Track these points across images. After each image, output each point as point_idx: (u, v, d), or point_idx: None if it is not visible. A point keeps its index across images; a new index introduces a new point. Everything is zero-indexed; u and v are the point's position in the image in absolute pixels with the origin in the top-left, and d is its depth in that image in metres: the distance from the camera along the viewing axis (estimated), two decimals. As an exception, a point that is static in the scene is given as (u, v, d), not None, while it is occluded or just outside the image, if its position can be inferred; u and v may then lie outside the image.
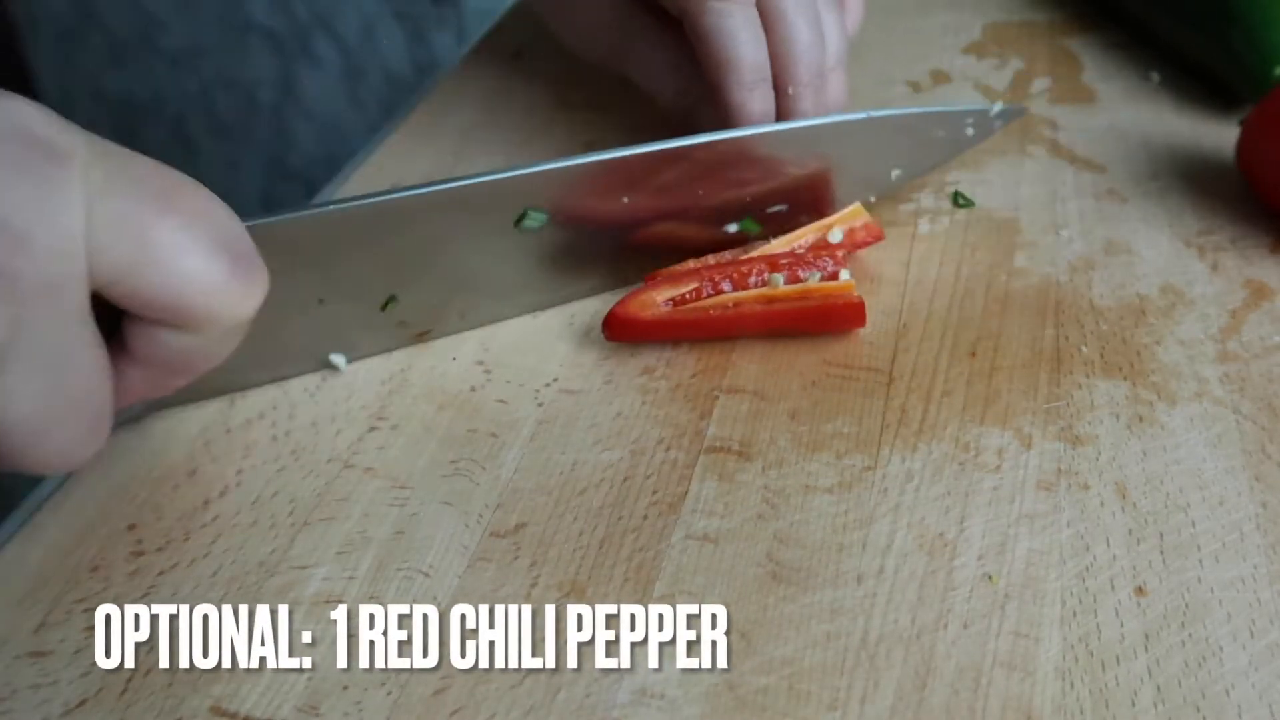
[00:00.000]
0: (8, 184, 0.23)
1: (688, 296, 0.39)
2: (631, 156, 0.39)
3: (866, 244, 0.43)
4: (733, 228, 0.43)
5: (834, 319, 0.39)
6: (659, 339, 0.39)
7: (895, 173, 0.45)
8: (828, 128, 0.42)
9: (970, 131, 0.46)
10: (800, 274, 0.39)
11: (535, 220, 0.38)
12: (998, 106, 0.46)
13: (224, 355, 0.29)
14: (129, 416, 0.30)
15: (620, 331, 0.39)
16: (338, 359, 0.38)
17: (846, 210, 0.43)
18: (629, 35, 0.47)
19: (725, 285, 0.39)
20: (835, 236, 0.41)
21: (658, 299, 0.39)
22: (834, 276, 0.39)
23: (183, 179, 0.26)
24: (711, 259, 0.42)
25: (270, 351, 0.36)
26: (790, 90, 0.43)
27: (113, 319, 0.27)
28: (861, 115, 0.42)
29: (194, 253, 0.25)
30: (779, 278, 0.39)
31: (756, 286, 0.39)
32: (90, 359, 0.26)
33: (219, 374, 0.31)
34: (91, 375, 0.26)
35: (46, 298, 0.24)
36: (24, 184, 0.23)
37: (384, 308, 0.38)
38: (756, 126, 0.41)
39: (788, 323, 0.39)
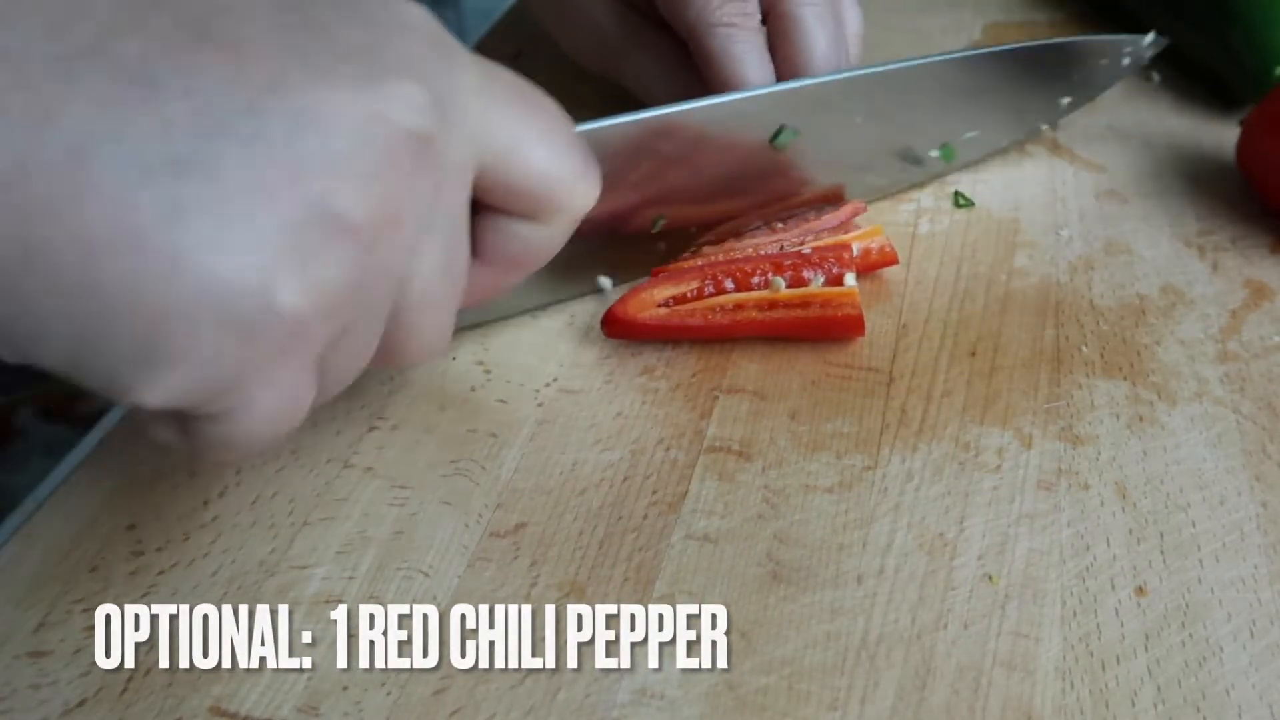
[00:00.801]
0: (433, 72, 0.25)
1: (689, 295, 0.39)
2: (881, 73, 0.42)
3: (879, 266, 0.42)
4: (934, 153, 0.47)
5: (831, 329, 0.39)
6: (657, 339, 0.39)
7: (1065, 100, 0.49)
8: (1014, 53, 0.45)
9: (1126, 61, 0.50)
10: (805, 274, 0.39)
11: (788, 136, 0.41)
12: (1148, 38, 0.49)
13: (555, 250, 0.31)
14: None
15: (619, 330, 0.39)
16: (605, 281, 0.42)
17: (866, 229, 0.42)
18: (627, 42, 0.47)
19: (728, 284, 0.39)
20: (850, 280, 0.39)
21: (657, 298, 0.39)
22: (839, 279, 0.39)
23: (532, 85, 0.30)
24: (720, 252, 0.42)
25: (564, 267, 0.37)
26: None
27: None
28: (1040, 43, 0.46)
29: (557, 146, 0.29)
30: (781, 281, 0.39)
31: (759, 287, 0.39)
32: (467, 245, 0.29)
33: (519, 294, 0.34)
34: (466, 261, 0.29)
35: (454, 177, 0.27)
36: (443, 74, 0.26)
37: (654, 225, 0.41)
38: (965, 50, 0.44)
39: (785, 331, 0.39)
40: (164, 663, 0.29)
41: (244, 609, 0.31)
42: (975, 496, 0.34)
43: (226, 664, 0.29)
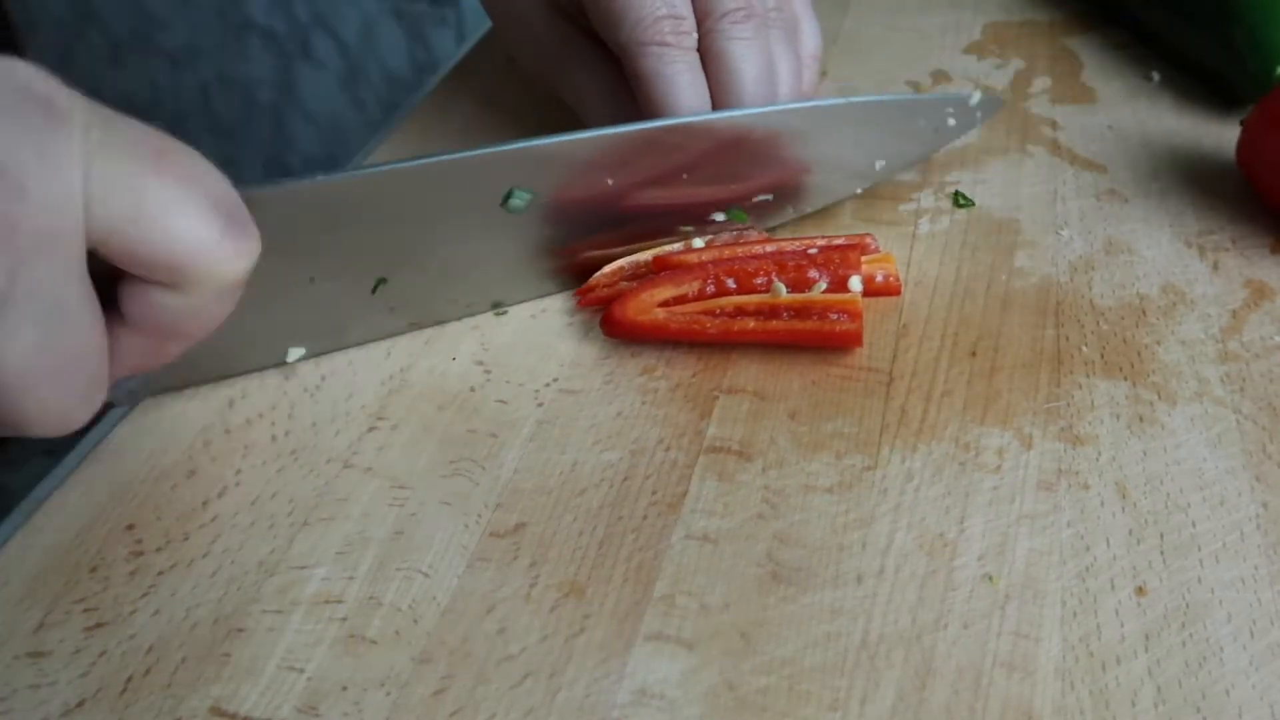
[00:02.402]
0: (8, 136, 0.23)
1: (689, 295, 0.39)
2: (614, 136, 0.38)
3: (881, 294, 0.41)
4: (720, 217, 0.42)
5: (828, 342, 0.38)
6: (655, 340, 0.39)
7: (879, 164, 0.45)
8: (806, 112, 0.41)
9: (952, 121, 0.45)
10: (810, 274, 0.39)
11: (520, 199, 0.38)
12: (976, 96, 0.45)
13: (217, 321, 0.29)
14: (125, 394, 0.29)
15: (617, 331, 0.39)
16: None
17: (878, 255, 0.42)
18: (564, 57, 0.45)
19: (729, 283, 0.39)
20: (855, 284, 0.39)
21: (657, 298, 0.39)
22: (843, 282, 0.39)
23: (176, 143, 0.27)
24: (722, 248, 0.41)
25: (263, 332, 0.36)
26: None
27: (108, 287, 0.27)
28: (840, 100, 0.41)
29: (187, 210, 0.26)
30: (782, 286, 0.38)
31: (762, 288, 0.39)
32: (85, 315, 0.26)
33: (210, 357, 0.30)
34: (86, 331, 0.26)
35: (43, 248, 0.24)
36: (24, 137, 0.24)
37: (374, 290, 0.38)
38: (736, 110, 0.40)
39: (781, 340, 0.39)
40: (164, 663, 0.29)
41: (244, 609, 0.31)
42: (975, 497, 0.34)
43: (226, 664, 0.29)
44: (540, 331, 0.41)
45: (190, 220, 0.26)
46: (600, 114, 0.44)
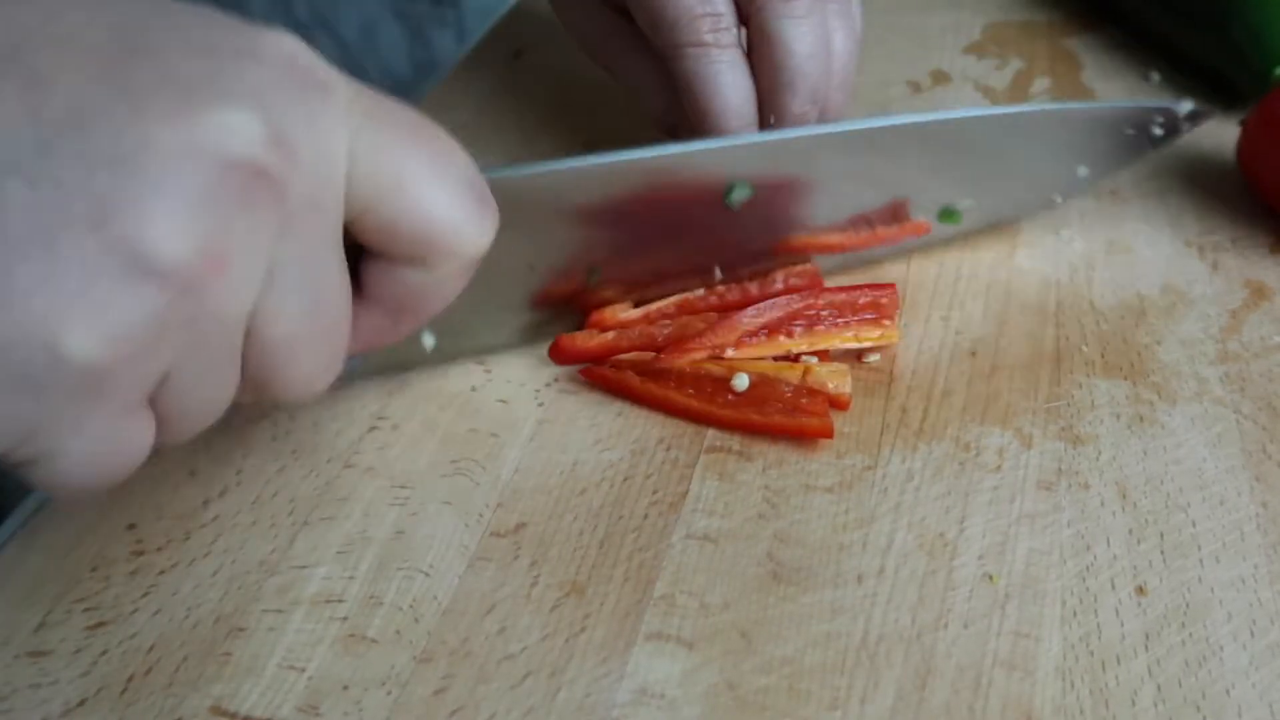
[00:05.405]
0: (281, 102, 0.24)
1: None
2: (851, 132, 0.38)
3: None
4: (924, 218, 0.42)
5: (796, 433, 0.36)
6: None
7: (1082, 171, 0.44)
8: (1020, 116, 0.40)
9: (1159, 131, 0.44)
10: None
11: (741, 193, 0.38)
12: (1187, 106, 0.43)
13: (450, 298, 0.29)
14: (344, 373, 0.29)
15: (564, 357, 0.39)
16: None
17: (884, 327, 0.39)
18: (620, 45, 0.46)
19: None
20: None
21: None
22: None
23: (428, 120, 0.28)
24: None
25: (478, 318, 0.36)
26: (775, 120, 0.40)
27: (349, 266, 0.28)
28: (1054, 106, 0.42)
29: (443, 184, 0.27)
30: (744, 378, 0.36)
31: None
32: (340, 284, 0.27)
33: (419, 344, 0.31)
34: (340, 300, 0.27)
35: (310, 215, 0.25)
36: (296, 106, 0.24)
37: (589, 279, 0.38)
38: (966, 110, 0.39)
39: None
40: (165, 662, 0.29)
41: (245, 608, 0.31)
42: (975, 496, 0.34)
43: (227, 663, 0.29)
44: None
45: (446, 194, 0.27)
46: (654, 102, 0.44)
